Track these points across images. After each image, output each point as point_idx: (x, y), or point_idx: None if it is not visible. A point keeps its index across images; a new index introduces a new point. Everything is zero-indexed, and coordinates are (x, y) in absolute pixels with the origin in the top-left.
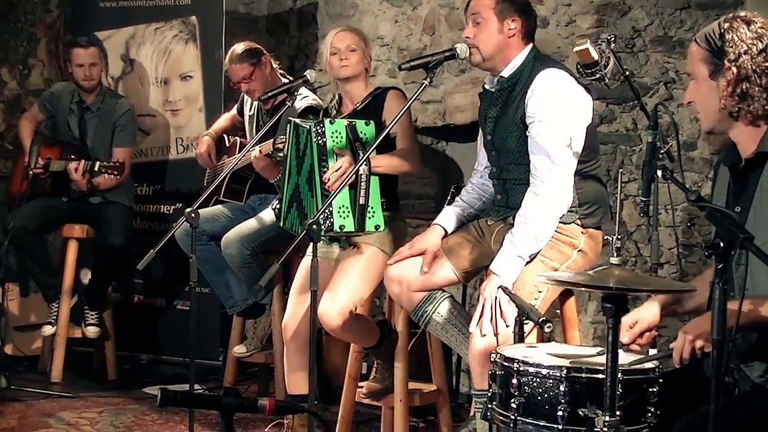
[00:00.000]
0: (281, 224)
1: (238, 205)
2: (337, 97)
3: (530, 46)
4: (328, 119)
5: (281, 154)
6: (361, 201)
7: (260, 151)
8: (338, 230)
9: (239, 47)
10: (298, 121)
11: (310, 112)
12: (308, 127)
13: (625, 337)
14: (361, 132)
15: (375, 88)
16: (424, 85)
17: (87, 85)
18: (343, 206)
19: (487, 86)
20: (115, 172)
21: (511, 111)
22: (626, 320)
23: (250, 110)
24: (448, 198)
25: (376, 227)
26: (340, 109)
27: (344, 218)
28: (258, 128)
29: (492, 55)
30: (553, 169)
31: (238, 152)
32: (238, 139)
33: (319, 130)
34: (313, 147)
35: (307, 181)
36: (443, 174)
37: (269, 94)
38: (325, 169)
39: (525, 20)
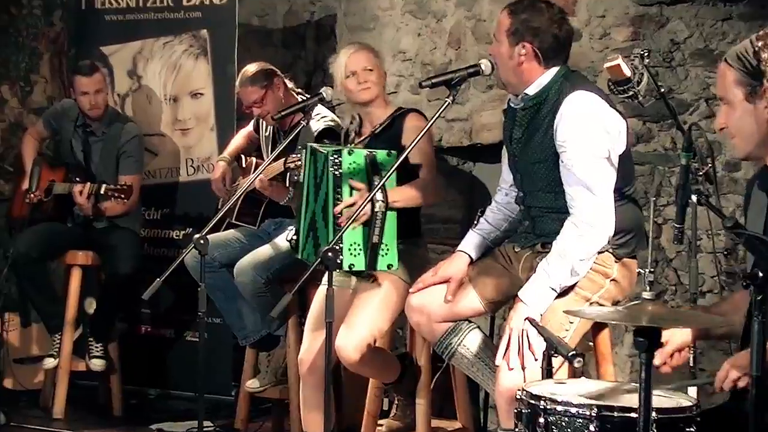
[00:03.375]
0: (299, 256)
1: (252, 230)
2: (357, 118)
3: (556, 67)
4: (347, 148)
5: (296, 177)
6: (375, 239)
7: (263, 177)
8: (347, 269)
9: (250, 69)
10: (315, 146)
11: (327, 134)
12: (326, 153)
13: (656, 359)
14: (382, 163)
15: (396, 108)
16: (446, 103)
17: (93, 114)
18: (355, 243)
19: (512, 103)
20: (122, 196)
21: (538, 135)
22: None
23: (266, 131)
24: (475, 222)
25: (389, 266)
26: (361, 131)
27: (354, 256)
28: (274, 149)
29: (508, 80)
30: (593, 202)
31: (253, 173)
32: (254, 159)
33: (336, 160)
34: (329, 176)
35: (322, 210)
36: (469, 196)
37: (282, 114)
38: (339, 201)
39: (539, 43)
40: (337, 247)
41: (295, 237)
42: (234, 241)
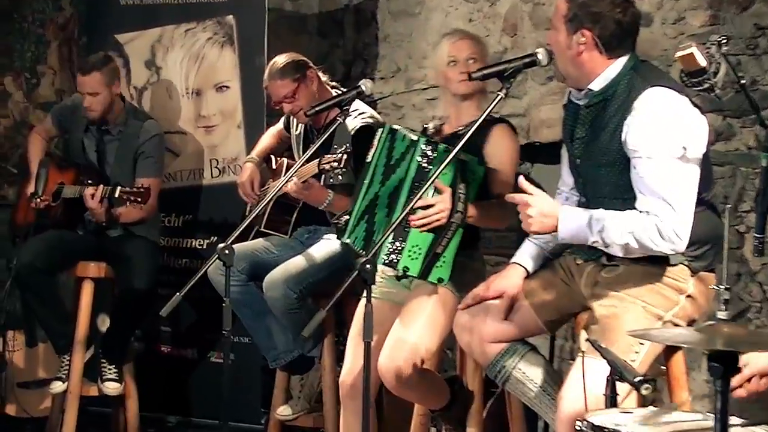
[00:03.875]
0: (343, 238)
1: (283, 239)
2: (439, 120)
3: (623, 58)
4: (444, 145)
5: (331, 179)
6: (439, 249)
7: (296, 181)
8: (400, 270)
9: (280, 60)
10: (401, 128)
11: (364, 132)
12: (416, 139)
13: (732, 381)
14: (471, 174)
15: (483, 113)
16: (498, 97)
17: (90, 117)
18: (417, 246)
19: (573, 97)
20: (139, 200)
21: (604, 136)
22: None
23: (297, 129)
24: None
25: (440, 280)
26: (441, 128)
27: (413, 259)
28: (307, 148)
29: (567, 72)
30: (673, 220)
31: (284, 176)
32: (285, 160)
33: (429, 151)
34: (413, 164)
35: (389, 196)
36: None
37: (315, 110)
38: (413, 197)
39: (600, 30)
40: (395, 245)
41: (346, 219)
42: (263, 251)
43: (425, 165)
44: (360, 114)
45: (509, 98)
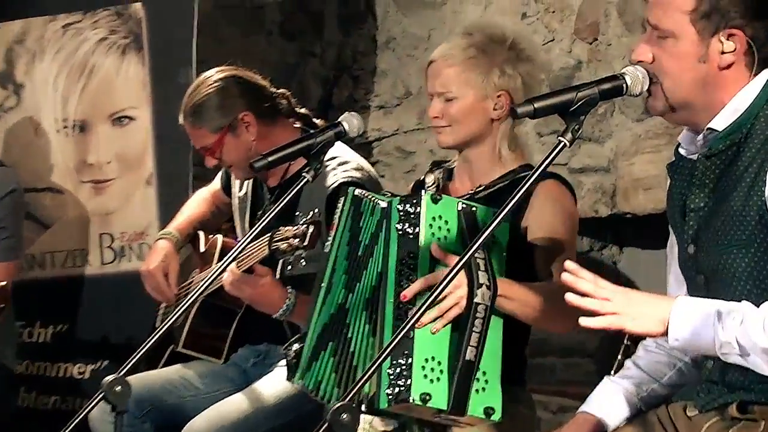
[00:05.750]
0: (293, 379)
1: (215, 367)
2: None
3: (766, 73)
4: (429, 193)
5: (289, 268)
6: (470, 355)
7: (236, 270)
8: (418, 401)
9: (201, 89)
10: (361, 192)
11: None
12: (386, 202)
13: None
14: (484, 223)
15: (520, 166)
16: (561, 144)
17: None
18: (433, 359)
19: (683, 149)
20: None
21: (737, 198)
22: None
23: (241, 189)
24: (618, 357)
25: (488, 412)
26: (447, 186)
27: (432, 381)
28: (254, 219)
29: (686, 101)
30: None
31: (218, 263)
32: (220, 237)
33: (409, 210)
34: (392, 239)
35: (367, 304)
36: None
37: (268, 160)
38: (409, 282)
39: (754, 31)
40: (400, 368)
41: (296, 349)
42: (180, 385)
43: (409, 230)
44: (341, 164)
45: (583, 142)
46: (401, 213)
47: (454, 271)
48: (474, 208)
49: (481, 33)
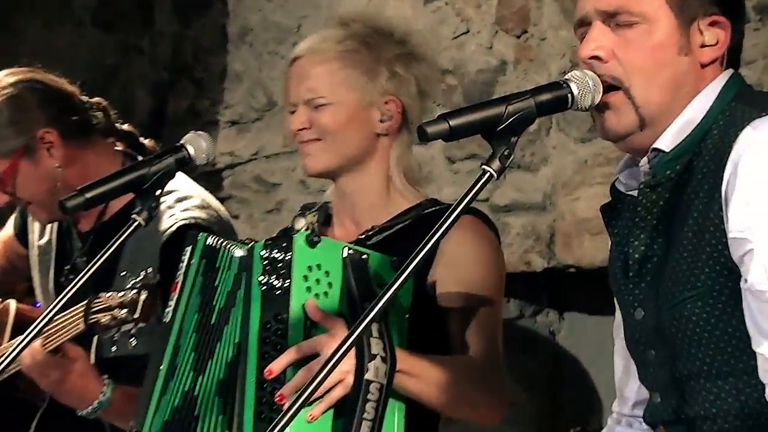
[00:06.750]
0: None
1: None
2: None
3: (726, 74)
4: (304, 234)
5: (113, 349)
6: None
7: (39, 348)
8: None
9: None
10: (214, 240)
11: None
12: (245, 249)
13: None
14: (378, 276)
15: (428, 200)
16: (486, 176)
17: None
18: None
19: (622, 184)
20: None
21: (687, 236)
22: None
23: (42, 236)
24: None
25: None
26: (326, 231)
27: None
28: (61, 277)
29: (661, 109)
30: None
31: (10, 339)
32: (11, 303)
33: (277, 258)
34: (254, 297)
35: (220, 387)
36: (551, 392)
37: (85, 197)
38: (277, 353)
39: (735, 26)
40: None
41: None
42: None
43: (276, 284)
44: (180, 200)
45: (509, 170)
46: (266, 262)
47: (350, 340)
48: (365, 255)
49: (361, 23)
